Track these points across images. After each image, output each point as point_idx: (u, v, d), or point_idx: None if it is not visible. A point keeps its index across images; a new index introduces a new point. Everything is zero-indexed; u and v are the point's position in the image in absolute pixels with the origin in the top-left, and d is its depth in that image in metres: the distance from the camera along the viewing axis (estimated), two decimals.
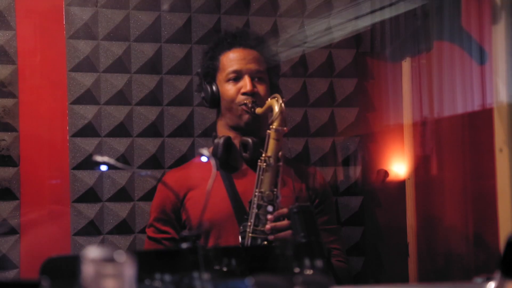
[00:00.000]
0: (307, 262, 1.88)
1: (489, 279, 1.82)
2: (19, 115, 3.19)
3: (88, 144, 3.25)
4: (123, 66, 3.32)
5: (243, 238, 2.60)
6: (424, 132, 3.57)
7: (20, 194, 3.17)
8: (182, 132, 3.32)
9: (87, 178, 3.24)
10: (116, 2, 3.33)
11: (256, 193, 2.61)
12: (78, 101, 3.26)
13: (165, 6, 3.38)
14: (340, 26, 3.60)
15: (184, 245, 1.75)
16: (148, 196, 3.26)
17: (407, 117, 3.61)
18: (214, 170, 2.04)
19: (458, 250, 3.42)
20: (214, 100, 2.82)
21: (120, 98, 3.31)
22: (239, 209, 2.71)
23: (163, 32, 3.38)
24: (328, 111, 3.58)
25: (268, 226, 2.56)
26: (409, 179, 3.59)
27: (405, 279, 3.58)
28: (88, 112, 3.26)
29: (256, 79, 2.79)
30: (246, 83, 2.76)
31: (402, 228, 3.61)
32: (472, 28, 3.27)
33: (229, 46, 2.83)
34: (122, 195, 3.26)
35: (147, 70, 3.35)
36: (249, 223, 2.59)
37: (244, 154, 2.77)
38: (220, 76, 2.82)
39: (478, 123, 3.24)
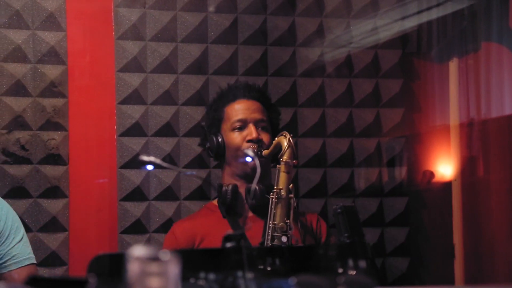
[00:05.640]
0: (350, 262, 1.88)
1: None
2: (68, 115, 3.25)
3: (135, 143, 3.30)
4: (170, 66, 3.36)
5: None
6: (471, 133, 3.54)
7: (69, 192, 3.23)
8: None
9: (134, 177, 3.28)
10: (164, 3, 3.37)
11: (270, 225, 2.66)
12: (125, 101, 3.30)
13: (211, 7, 3.41)
14: (386, 26, 3.59)
15: (229, 245, 1.76)
16: (194, 195, 3.31)
17: (454, 118, 3.58)
18: (258, 170, 2.05)
19: (505, 252, 3.39)
20: (219, 151, 2.87)
21: (167, 98, 3.34)
22: None
23: (209, 33, 3.41)
24: (373, 111, 3.57)
25: None
26: (455, 180, 3.56)
27: (451, 281, 3.55)
28: (135, 112, 3.31)
29: (260, 128, 2.85)
30: (251, 131, 2.82)
31: (448, 229, 3.58)
32: None
33: (234, 98, 2.89)
34: (168, 194, 3.30)
35: (193, 70, 3.38)
36: None
37: (251, 201, 2.79)
38: (225, 126, 2.87)
39: None
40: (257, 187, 2.75)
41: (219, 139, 2.87)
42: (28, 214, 3.17)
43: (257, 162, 2.07)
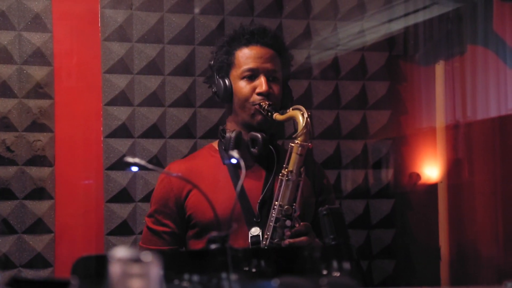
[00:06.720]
0: (335, 264, 1.89)
1: None
2: (54, 116, 3.24)
3: (121, 145, 3.29)
4: (157, 68, 3.35)
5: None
6: (457, 136, 3.56)
7: (55, 193, 3.22)
8: (215, 134, 3.34)
9: (121, 178, 3.28)
10: (150, 5, 3.37)
11: (275, 206, 2.57)
12: (112, 102, 3.30)
13: (198, 9, 3.41)
14: (373, 29, 3.60)
15: (213, 246, 1.76)
16: None
17: (440, 120, 3.60)
18: (243, 171, 2.04)
19: (489, 254, 3.40)
20: (227, 96, 2.72)
21: (154, 99, 3.34)
22: (248, 210, 2.65)
23: (196, 35, 3.41)
24: (360, 113, 3.58)
25: (286, 241, 2.55)
26: (441, 182, 3.58)
27: (437, 283, 3.56)
28: (122, 113, 3.30)
29: (271, 79, 2.71)
30: (261, 83, 2.67)
31: (434, 231, 3.59)
32: (506, 33, 3.26)
33: (246, 43, 2.72)
34: None
35: (180, 72, 3.38)
36: (265, 235, 2.57)
37: (252, 149, 2.69)
38: (235, 73, 2.72)
39: (510, 127, 3.22)
40: (259, 136, 2.67)
41: (227, 83, 2.72)
42: (14, 215, 3.16)
43: (242, 164, 2.05)
